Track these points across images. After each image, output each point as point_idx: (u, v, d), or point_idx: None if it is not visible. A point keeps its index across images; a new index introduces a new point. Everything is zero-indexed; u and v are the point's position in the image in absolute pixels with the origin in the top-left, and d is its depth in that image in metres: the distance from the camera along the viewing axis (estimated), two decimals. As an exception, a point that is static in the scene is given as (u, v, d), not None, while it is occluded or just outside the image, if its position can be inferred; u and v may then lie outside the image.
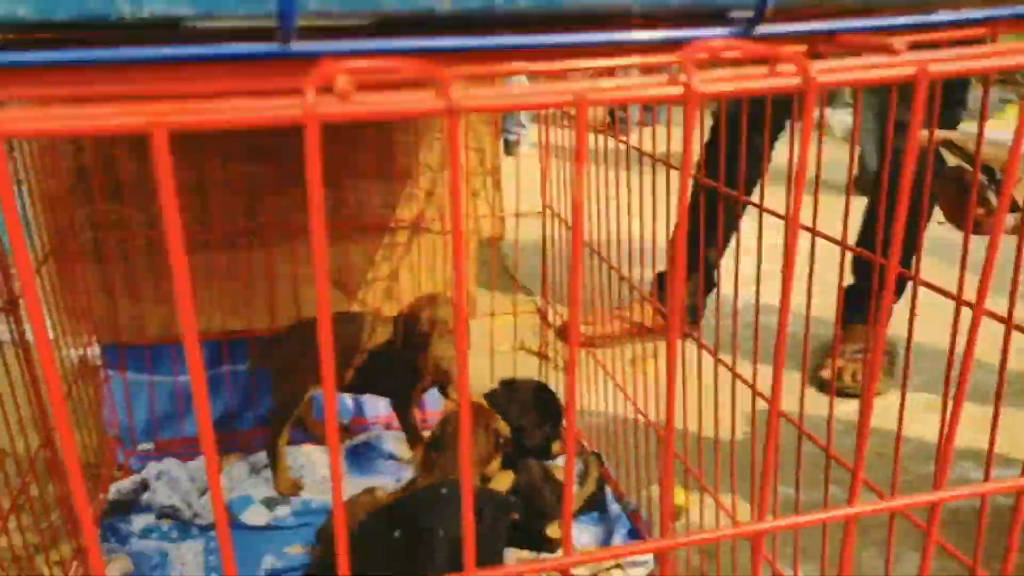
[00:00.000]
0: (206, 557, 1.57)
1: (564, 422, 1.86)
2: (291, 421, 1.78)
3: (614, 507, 1.69)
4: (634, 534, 1.64)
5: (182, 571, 1.53)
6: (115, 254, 1.81)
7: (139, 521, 1.69)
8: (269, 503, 1.71)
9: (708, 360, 1.29)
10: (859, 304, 2.52)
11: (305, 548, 1.60)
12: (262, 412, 1.97)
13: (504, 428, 1.66)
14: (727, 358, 1.26)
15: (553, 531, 1.59)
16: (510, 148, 4.96)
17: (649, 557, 1.55)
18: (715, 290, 2.75)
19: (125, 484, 1.73)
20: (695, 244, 2.66)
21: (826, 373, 2.55)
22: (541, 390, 1.82)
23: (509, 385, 1.84)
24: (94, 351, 1.85)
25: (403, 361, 1.71)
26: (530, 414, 1.76)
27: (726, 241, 2.73)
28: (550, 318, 2.37)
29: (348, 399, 2.05)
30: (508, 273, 3.10)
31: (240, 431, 1.98)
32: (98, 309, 1.84)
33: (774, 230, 1.29)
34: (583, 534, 1.66)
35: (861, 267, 2.56)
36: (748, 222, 3.03)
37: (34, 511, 1.43)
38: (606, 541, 1.63)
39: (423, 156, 1.93)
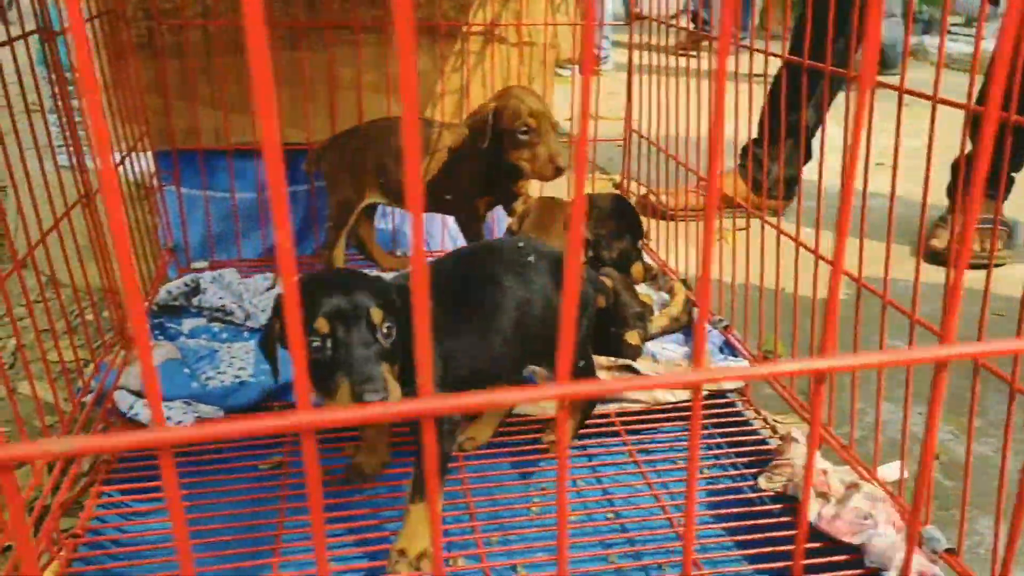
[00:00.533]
0: (257, 356, 1.45)
1: (643, 238, 1.68)
2: (347, 231, 1.65)
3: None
4: (727, 348, 1.46)
5: (231, 362, 1.42)
6: (169, 49, 1.69)
7: (189, 323, 1.59)
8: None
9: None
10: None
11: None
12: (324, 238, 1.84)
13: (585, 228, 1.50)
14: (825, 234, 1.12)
15: (632, 337, 1.43)
16: (558, 74, 4.77)
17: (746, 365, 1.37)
18: (811, 161, 2.53)
19: (176, 284, 1.62)
20: (790, 108, 2.41)
21: (936, 243, 2.31)
22: (620, 202, 1.64)
23: (588, 197, 1.66)
24: (147, 157, 1.74)
25: (488, 164, 1.54)
26: (609, 225, 1.59)
27: (830, 98, 2.48)
28: (630, 189, 2.18)
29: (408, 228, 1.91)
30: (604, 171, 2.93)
31: (301, 257, 1.86)
32: (151, 110, 1.72)
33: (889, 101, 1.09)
34: (668, 351, 1.49)
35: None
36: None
37: (87, 333, 1.34)
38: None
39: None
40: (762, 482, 1.14)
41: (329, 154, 1.65)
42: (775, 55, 1.43)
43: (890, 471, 1.08)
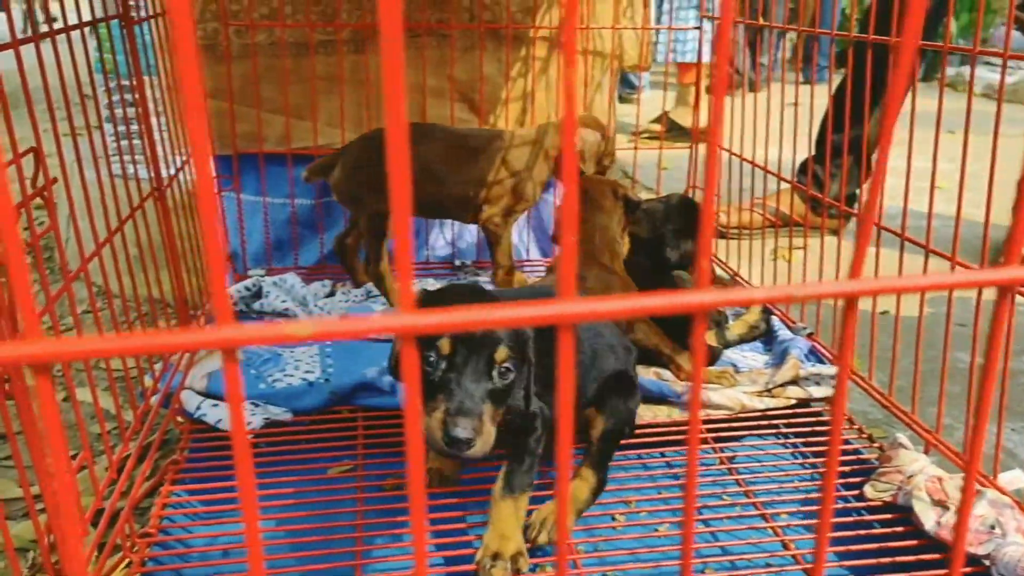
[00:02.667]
0: (322, 358, 1.41)
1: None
2: (387, 240, 1.59)
3: (784, 333, 1.45)
4: (813, 355, 1.39)
5: (297, 365, 1.37)
6: (234, 51, 1.67)
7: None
8: (390, 311, 1.54)
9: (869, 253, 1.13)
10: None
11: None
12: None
13: (633, 194, 1.46)
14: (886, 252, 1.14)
15: (708, 339, 1.37)
16: (625, 97, 4.74)
17: (833, 374, 1.30)
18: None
19: (236, 288, 1.59)
20: (851, 123, 2.36)
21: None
22: (687, 201, 1.59)
23: (661, 198, 1.61)
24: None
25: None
26: (674, 223, 1.52)
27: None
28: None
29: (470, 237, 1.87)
30: (624, 174, 2.90)
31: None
32: (213, 114, 1.70)
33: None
34: (749, 360, 1.43)
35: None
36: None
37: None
38: (778, 364, 1.39)
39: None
40: (868, 492, 1.07)
41: (345, 167, 1.53)
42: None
43: (1013, 478, 1.00)
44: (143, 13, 1.44)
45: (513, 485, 0.96)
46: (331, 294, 1.68)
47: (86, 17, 1.12)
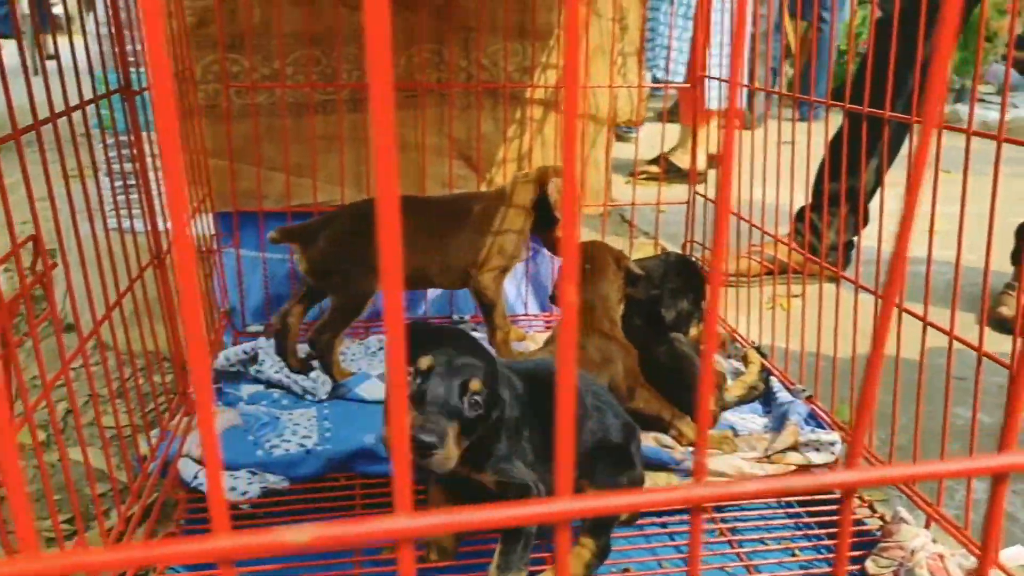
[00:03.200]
0: (320, 422, 1.41)
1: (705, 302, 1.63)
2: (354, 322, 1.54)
3: (783, 394, 1.45)
4: (813, 419, 1.39)
5: (295, 430, 1.37)
6: (235, 111, 1.69)
7: (248, 388, 1.54)
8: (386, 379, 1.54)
9: (865, 300, 1.26)
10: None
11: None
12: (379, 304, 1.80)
13: (635, 267, 1.46)
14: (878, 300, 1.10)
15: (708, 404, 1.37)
16: (623, 136, 4.78)
17: (837, 441, 1.30)
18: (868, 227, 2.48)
19: (234, 351, 1.58)
20: (848, 173, 2.39)
21: (1006, 310, 2.24)
22: (684, 261, 1.59)
23: (658, 257, 1.62)
24: (207, 220, 1.72)
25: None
26: (670, 283, 1.52)
27: (889, 162, 2.45)
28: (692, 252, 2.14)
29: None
30: (622, 218, 2.92)
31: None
32: (214, 172, 1.71)
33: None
34: (748, 423, 1.42)
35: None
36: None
37: (140, 396, 1.30)
38: (777, 428, 1.38)
39: (563, 16, 1.74)
40: (870, 567, 1.06)
41: (332, 238, 1.47)
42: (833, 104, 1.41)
43: (1014, 555, 1.00)
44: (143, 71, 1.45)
45: (508, 564, 0.96)
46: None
47: (81, 55, 1.13)
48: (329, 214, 1.52)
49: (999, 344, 1.92)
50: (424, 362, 0.92)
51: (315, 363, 1.55)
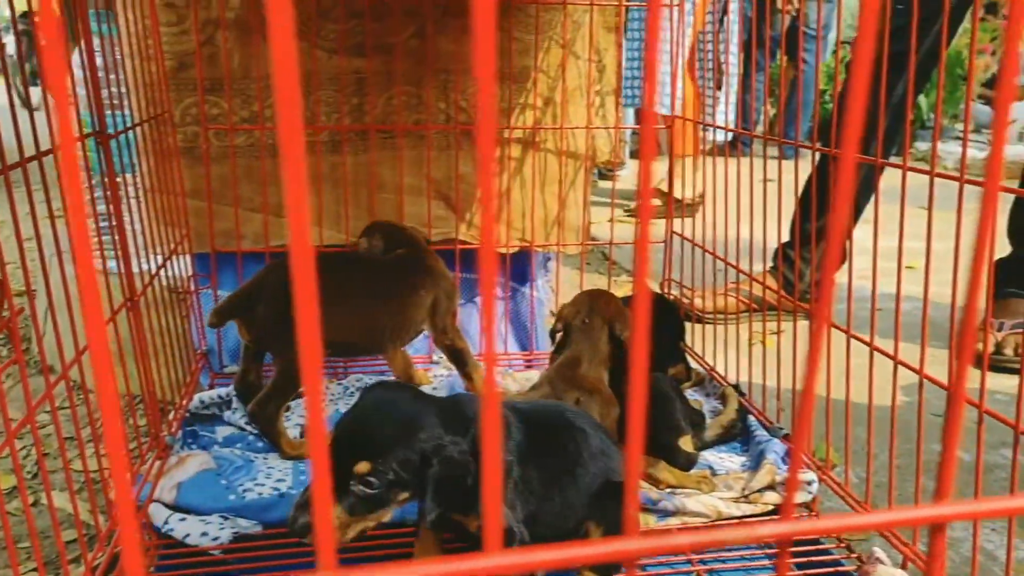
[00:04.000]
0: (295, 465, 1.39)
1: (683, 342, 1.63)
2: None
3: (760, 433, 1.45)
4: (791, 456, 1.38)
5: (269, 473, 1.35)
6: (214, 152, 1.70)
7: (223, 431, 1.53)
8: (364, 420, 1.52)
9: (839, 339, 1.26)
10: (1019, 275, 2.28)
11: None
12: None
13: (620, 330, 1.44)
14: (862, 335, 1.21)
15: (685, 443, 1.36)
16: (606, 175, 4.83)
17: (814, 480, 1.30)
18: (845, 264, 2.51)
19: (209, 395, 1.57)
20: (823, 211, 2.42)
21: (982, 346, 2.26)
22: (659, 300, 1.60)
23: (624, 298, 1.62)
24: (185, 261, 1.72)
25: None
26: None
27: (859, 209, 2.48)
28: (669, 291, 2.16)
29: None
30: (603, 256, 2.94)
31: (332, 359, 1.81)
32: (192, 213, 1.72)
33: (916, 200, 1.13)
34: (726, 462, 1.42)
35: (1020, 237, 2.29)
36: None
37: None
38: (754, 467, 1.38)
39: (541, 59, 1.77)
40: (847, 608, 1.05)
41: (261, 309, 1.39)
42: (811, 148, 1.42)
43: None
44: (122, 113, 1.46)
45: None
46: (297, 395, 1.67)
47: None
48: (259, 277, 1.43)
49: (978, 381, 1.93)
50: (362, 467, 0.93)
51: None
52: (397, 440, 0.94)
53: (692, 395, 1.63)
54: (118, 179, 1.29)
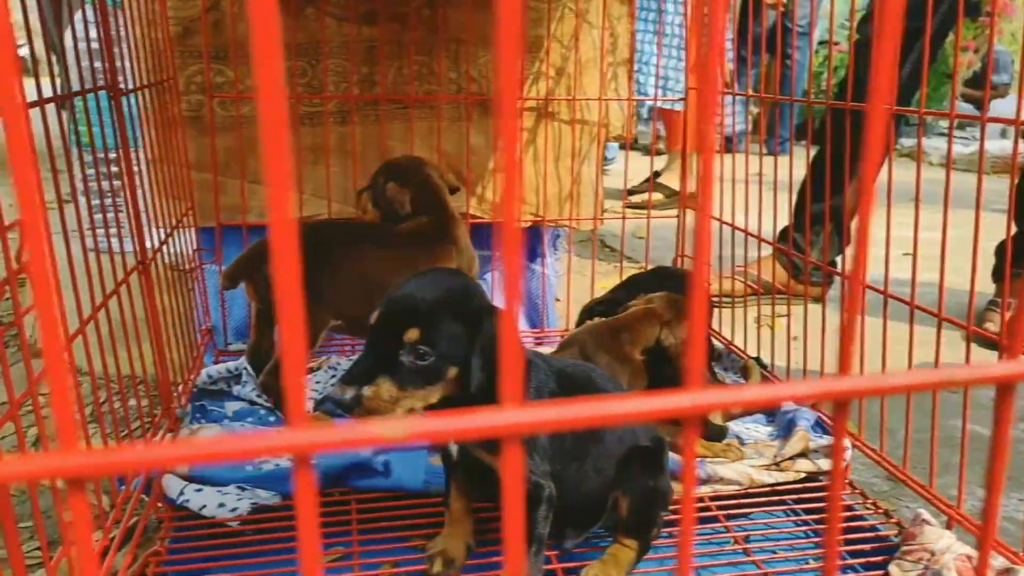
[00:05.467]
0: (309, 439, 1.34)
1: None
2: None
3: (787, 403, 1.41)
4: (820, 425, 1.35)
5: (283, 445, 1.31)
6: (219, 122, 1.65)
7: (232, 405, 1.48)
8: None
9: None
10: (1025, 254, 2.27)
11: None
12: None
13: (668, 341, 1.37)
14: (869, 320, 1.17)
15: (715, 417, 1.33)
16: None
17: (847, 447, 1.27)
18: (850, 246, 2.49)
19: (216, 369, 1.52)
20: (826, 193, 2.40)
21: (991, 327, 2.25)
22: (684, 280, 1.56)
23: (658, 270, 1.59)
24: (189, 235, 1.67)
25: None
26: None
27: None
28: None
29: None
30: (608, 247, 2.92)
31: (337, 337, 1.76)
32: (197, 186, 1.66)
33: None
34: (752, 432, 1.39)
35: (1025, 215, 2.29)
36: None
37: (116, 421, 1.24)
38: (784, 435, 1.35)
39: (555, 27, 1.73)
40: (893, 571, 1.02)
41: (269, 271, 1.32)
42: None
43: None
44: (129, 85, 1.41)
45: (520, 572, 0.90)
46: (311, 370, 1.63)
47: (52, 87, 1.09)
48: (267, 238, 1.41)
49: (989, 359, 1.91)
50: (372, 318, 0.90)
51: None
52: (447, 307, 0.89)
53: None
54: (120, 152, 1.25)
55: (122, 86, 1.22)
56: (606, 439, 1.03)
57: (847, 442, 1.27)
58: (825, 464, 1.25)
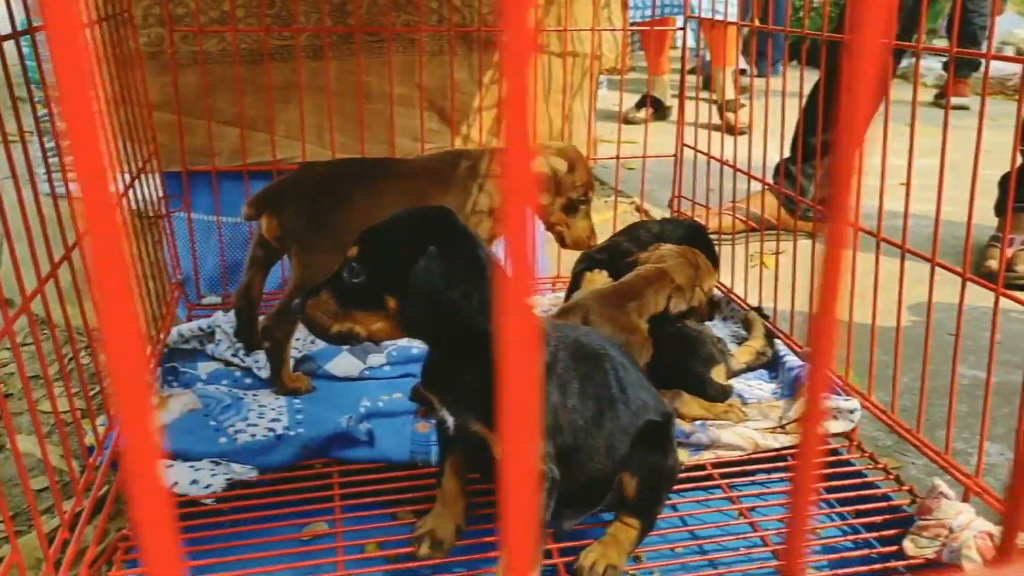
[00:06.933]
0: (290, 406, 1.26)
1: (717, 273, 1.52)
2: None
3: (791, 359, 1.35)
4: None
5: (261, 412, 1.23)
6: (182, 59, 1.51)
7: (206, 366, 1.40)
8: (359, 350, 1.40)
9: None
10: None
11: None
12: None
13: (677, 306, 1.28)
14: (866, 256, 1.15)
15: (718, 374, 1.26)
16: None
17: (856, 408, 1.20)
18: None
19: (188, 327, 1.43)
20: (826, 125, 2.29)
21: (992, 263, 2.18)
22: (698, 232, 1.48)
23: (667, 221, 1.50)
24: (154, 181, 1.55)
25: None
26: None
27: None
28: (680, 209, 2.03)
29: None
30: (601, 182, 2.81)
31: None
32: (160, 128, 1.54)
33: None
34: (755, 390, 1.32)
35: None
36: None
37: (83, 378, 1.15)
38: (788, 394, 1.28)
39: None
40: (908, 548, 0.97)
41: (293, 206, 1.25)
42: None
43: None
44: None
45: None
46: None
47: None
48: (295, 174, 1.30)
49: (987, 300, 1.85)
50: (352, 251, 0.89)
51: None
52: (395, 234, 0.89)
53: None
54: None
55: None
56: (621, 414, 0.95)
57: (855, 402, 1.21)
58: (834, 426, 1.19)
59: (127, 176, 1.34)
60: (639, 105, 3.81)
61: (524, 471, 0.22)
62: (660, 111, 3.69)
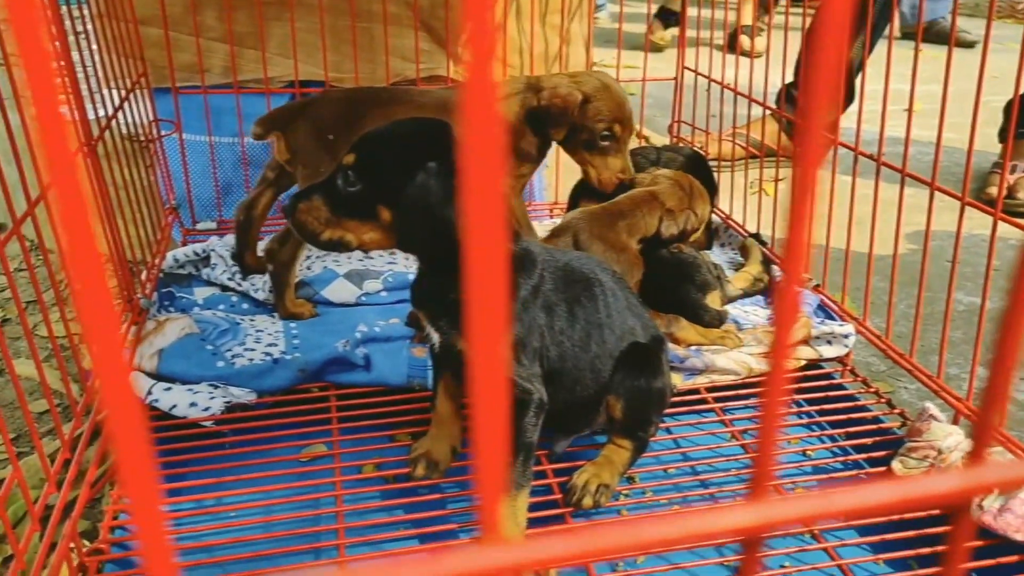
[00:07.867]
0: (286, 331, 1.26)
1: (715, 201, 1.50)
2: None
3: (788, 285, 1.34)
4: (823, 309, 1.29)
5: (258, 337, 1.23)
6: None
7: (202, 291, 1.39)
8: (355, 276, 1.39)
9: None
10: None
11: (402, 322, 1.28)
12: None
13: (668, 230, 1.27)
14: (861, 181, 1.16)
15: (713, 300, 1.26)
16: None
17: (851, 333, 1.21)
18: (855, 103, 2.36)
19: (184, 252, 1.42)
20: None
21: (993, 190, 2.16)
22: (697, 159, 1.46)
23: (666, 148, 1.48)
24: (145, 104, 1.52)
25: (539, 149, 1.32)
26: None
27: (873, 40, 2.30)
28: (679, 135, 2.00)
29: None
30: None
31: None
32: (148, 44, 1.50)
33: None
34: (751, 316, 1.32)
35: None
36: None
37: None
38: (783, 320, 1.29)
39: None
40: (897, 469, 0.98)
41: (304, 125, 1.23)
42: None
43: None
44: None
45: (510, 480, 0.86)
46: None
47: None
48: (308, 99, 1.28)
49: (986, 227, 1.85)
50: (348, 158, 0.86)
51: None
52: (394, 145, 0.85)
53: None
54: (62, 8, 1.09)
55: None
56: (607, 337, 0.95)
57: (850, 327, 1.21)
58: (827, 351, 1.20)
59: (116, 95, 1.32)
60: (663, 19, 3.62)
61: (493, 379, 0.21)
62: (673, 23, 3.54)
